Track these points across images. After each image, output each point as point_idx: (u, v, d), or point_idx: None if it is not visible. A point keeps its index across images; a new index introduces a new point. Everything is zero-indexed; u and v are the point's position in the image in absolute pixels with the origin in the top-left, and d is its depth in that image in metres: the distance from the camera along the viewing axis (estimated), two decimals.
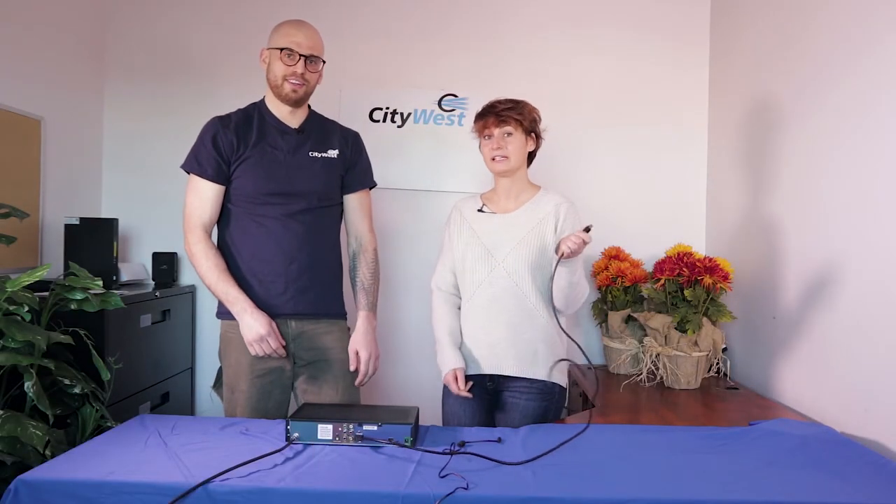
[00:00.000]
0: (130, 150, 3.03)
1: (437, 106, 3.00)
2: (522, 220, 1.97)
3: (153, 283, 2.89)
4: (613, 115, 2.99)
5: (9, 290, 1.84)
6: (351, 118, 2.72)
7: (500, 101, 1.96)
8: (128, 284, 2.75)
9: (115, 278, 2.59)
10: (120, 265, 2.68)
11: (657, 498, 1.28)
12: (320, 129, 2.05)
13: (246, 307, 1.87)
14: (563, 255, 1.78)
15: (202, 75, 3.00)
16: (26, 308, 1.88)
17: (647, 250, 2.82)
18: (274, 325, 1.89)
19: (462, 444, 1.57)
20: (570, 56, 2.99)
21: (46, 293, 2.04)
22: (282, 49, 1.90)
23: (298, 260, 1.94)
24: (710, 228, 2.97)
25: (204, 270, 1.89)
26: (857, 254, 1.89)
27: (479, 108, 2.00)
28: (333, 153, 2.02)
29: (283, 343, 1.91)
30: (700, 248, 2.91)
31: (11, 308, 1.86)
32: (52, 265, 2.31)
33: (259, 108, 2.01)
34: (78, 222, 2.54)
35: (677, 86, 2.98)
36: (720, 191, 2.87)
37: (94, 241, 2.55)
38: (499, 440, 1.63)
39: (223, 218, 1.97)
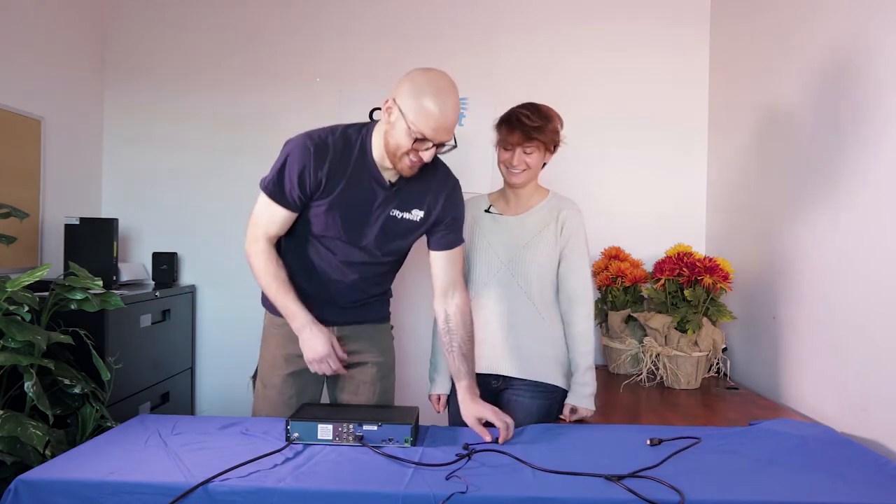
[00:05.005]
0: (130, 150, 3.03)
1: None
2: (529, 225, 1.96)
3: (153, 283, 2.89)
4: (614, 116, 2.98)
5: (9, 290, 1.84)
6: (351, 118, 2.71)
7: (530, 115, 1.89)
8: (128, 284, 2.75)
9: (115, 278, 2.59)
10: (120, 265, 2.68)
11: (658, 497, 1.28)
12: (414, 183, 1.82)
13: (305, 323, 1.76)
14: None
15: (202, 75, 3.00)
16: (26, 308, 1.88)
17: (647, 250, 2.82)
18: (334, 339, 1.81)
19: (466, 446, 1.56)
20: (570, 56, 2.99)
21: (46, 293, 2.04)
22: (417, 138, 1.67)
23: (347, 295, 1.88)
24: (710, 228, 2.97)
25: (265, 282, 1.79)
26: (857, 254, 1.89)
27: (507, 112, 1.95)
28: (419, 214, 1.83)
29: (345, 358, 1.82)
30: (700, 248, 2.91)
31: (11, 308, 1.86)
32: (52, 265, 2.32)
33: (363, 142, 1.79)
34: (78, 222, 2.54)
35: (678, 85, 2.98)
36: (720, 191, 2.87)
37: (94, 241, 2.54)
38: (497, 440, 1.62)
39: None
